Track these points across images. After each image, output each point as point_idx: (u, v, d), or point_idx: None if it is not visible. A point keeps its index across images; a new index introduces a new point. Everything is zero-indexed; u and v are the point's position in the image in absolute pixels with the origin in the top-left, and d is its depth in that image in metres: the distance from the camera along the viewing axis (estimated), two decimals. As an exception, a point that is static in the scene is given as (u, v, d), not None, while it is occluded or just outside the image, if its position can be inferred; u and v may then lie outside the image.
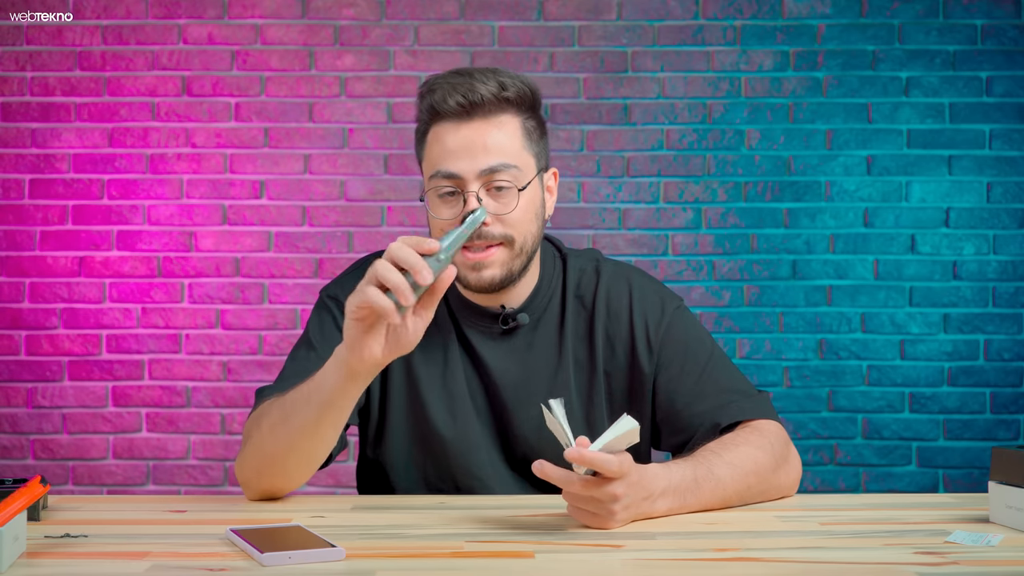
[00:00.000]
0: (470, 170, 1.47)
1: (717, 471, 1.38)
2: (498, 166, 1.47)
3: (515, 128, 1.51)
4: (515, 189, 1.49)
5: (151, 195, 3.39)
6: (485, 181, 1.48)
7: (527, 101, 1.52)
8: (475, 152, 1.47)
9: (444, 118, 1.49)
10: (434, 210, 1.50)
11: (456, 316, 1.59)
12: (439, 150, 1.49)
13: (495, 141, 1.48)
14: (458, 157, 1.47)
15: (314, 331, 1.57)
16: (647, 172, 3.40)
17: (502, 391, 1.58)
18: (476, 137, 1.48)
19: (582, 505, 1.26)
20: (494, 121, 1.49)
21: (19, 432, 3.36)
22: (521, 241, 1.51)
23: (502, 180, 1.48)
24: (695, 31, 3.40)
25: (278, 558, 1.09)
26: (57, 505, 1.43)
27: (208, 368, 3.38)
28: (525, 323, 1.58)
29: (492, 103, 1.48)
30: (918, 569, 1.08)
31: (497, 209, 1.48)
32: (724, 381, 1.57)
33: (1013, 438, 3.36)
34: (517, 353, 1.58)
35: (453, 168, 1.47)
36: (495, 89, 1.48)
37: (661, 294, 1.64)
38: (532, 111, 1.54)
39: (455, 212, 1.48)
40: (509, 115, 1.50)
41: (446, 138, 1.49)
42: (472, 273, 1.50)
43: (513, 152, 1.49)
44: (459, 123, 1.49)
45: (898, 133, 3.39)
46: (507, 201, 1.49)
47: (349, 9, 3.39)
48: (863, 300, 3.39)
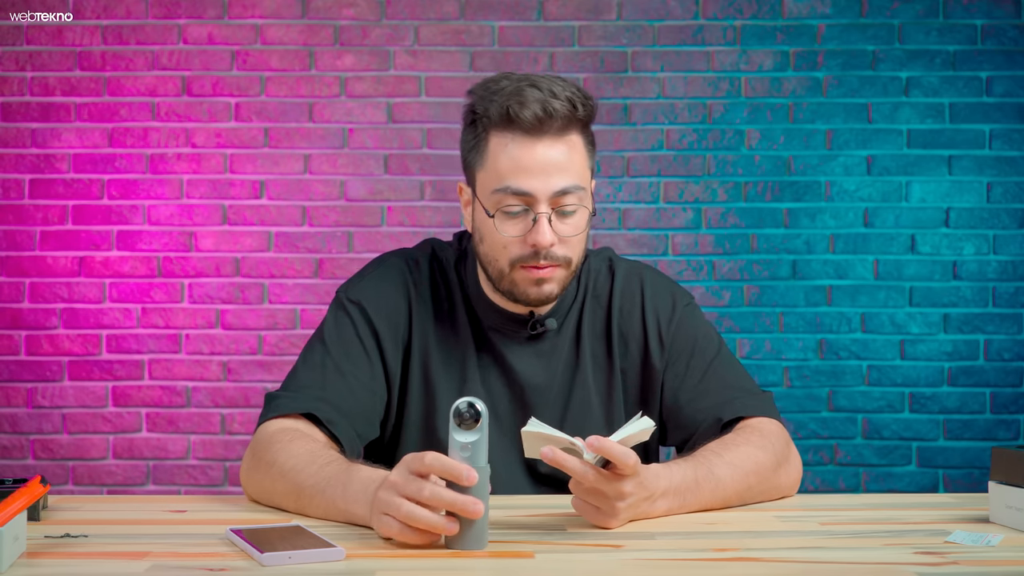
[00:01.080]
0: (543, 190, 1.45)
1: (717, 471, 1.38)
2: (570, 187, 1.46)
3: (582, 147, 1.49)
4: (583, 210, 1.48)
5: (151, 195, 3.39)
6: (555, 203, 1.46)
7: (591, 118, 1.51)
8: (549, 172, 1.45)
9: (514, 129, 1.45)
10: (500, 225, 1.47)
11: (481, 321, 1.59)
12: (510, 164, 1.45)
13: (569, 161, 1.46)
14: (532, 175, 1.44)
15: (330, 333, 1.56)
16: (647, 172, 3.40)
17: (528, 395, 1.58)
18: (550, 156, 1.45)
19: (589, 499, 1.25)
20: (566, 140, 1.47)
21: (19, 432, 3.36)
22: (576, 262, 1.52)
23: (571, 203, 1.46)
24: (695, 31, 3.40)
25: (278, 558, 1.09)
26: (57, 505, 1.43)
27: (208, 368, 3.38)
28: (553, 328, 1.58)
29: (564, 120, 1.45)
30: (918, 569, 1.08)
31: (565, 232, 1.47)
32: (729, 379, 1.58)
33: (1013, 438, 3.36)
34: (543, 356, 1.59)
35: (526, 187, 1.44)
36: (568, 106, 1.45)
37: (672, 291, 1.65)
38: (590, 126, 1.53)
39: (522, 230, 1.46)
40: (577, 134, 1.49)
41: (519, 154, 1.45)
42: (533, 288, 1.49)
43: (581, 173, 1.48)
44: (532, 138, 1.45)
45: (898, 133, 3.39)
46: (574, 223, 1.48)
47: (349, 9, 3.39)
48: (863, 300, 3.39)
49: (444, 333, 1.59)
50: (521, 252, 1.47)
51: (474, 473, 1.12)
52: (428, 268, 1.61)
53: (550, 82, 1.46)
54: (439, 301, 1.60)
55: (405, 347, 1.58)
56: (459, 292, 1.60)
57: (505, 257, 1.48)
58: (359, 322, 1.56)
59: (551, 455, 1.21)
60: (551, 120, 1.44)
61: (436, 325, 1.59)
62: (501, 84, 1.47)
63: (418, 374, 1.58)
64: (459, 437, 1.15)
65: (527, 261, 1.47)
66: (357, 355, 1.54)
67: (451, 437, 1.15)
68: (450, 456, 1.15)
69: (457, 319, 1.59)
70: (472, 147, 1.51)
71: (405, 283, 1.59)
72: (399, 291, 1.58)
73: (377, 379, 1.55)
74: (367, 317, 1.56)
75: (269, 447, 1.41)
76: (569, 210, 1.47)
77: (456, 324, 1.59)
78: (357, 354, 1.54)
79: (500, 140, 1.46)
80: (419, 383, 1.58)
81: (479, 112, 1.49)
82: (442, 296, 1.60)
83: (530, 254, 1.46)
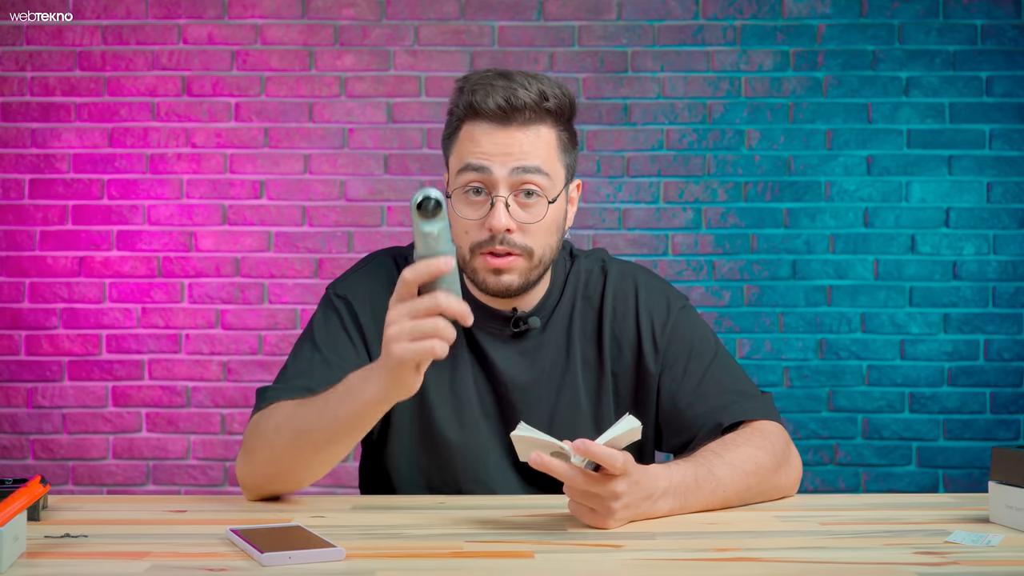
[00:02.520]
0: (501, 169, 1.46)
1: (718, 472, 1.38)
2: (530, 168, 1.46)
3: (551, 139, 1.49)
4: (544, 200, 1.48)
5: (151, 195, 3.39)
6: (515, 183, 1.46)
7: (566, 113, 1.50)
8: (510, 152, 1.46)
9: (480, 118, 1.47)
10: (459, 208, 1.48)
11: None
12: (471, 147, 1.47)
13: (532, 148, 1.46)
14: (491, 155, 1.46)
15: (319, 330, 1.57)
16: (647, 172, 3.40)
17: (511, 394, 1.57)
18: (512, 141, 1.46)
19: (583, 501, 1.25)
20: (531, 130, 1.47)
21: (19, 432, 3.36)
22: (540, 254, 1.51)
23: (532, 184, 1.46)
24: (695, 31, 3.40)
25: (278, 558, 1.09)
26: (57, 505, 1.43)
27: (208, 368, 3.38)
28: (536, 326, 1.58)
29: (532, 111, 1.46)
30: (918, 569, 1.08)
31: (523, 218, 1.47)
32: (727, 382, 1.57)
33: (1013, 438, 3.36)
34: (527, 355, 1.58)
35: (484, 161, 1.46)
36: (536, 97, 1.46)
37: (667, 293, 1.63)
38: (568, 122, 1.52)
39: (481, 213, 1.47)
40: (547, 126, 1.49)
41: (481, 138, 1.47)
42: (491, 277, 1.49)
43: (546, 162, 1.48)
44: (496, 126, 1.46)
45: (898, 133, 3.39)
46: (534, 211, 1.48)
47: (349, 9, 3.39)
48: (863, 300, 3.39)
49: None
50: (479, 237, 1.48)
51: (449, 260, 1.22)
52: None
53: (525, 76, 1.48)
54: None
55: None
56: None
57: (467, 242, 1.49)
58: (345, 316, 1.56)
59: (539, 460, 1.21)
60: (517, 112, 1.45)
61: None
62: (476, 80, 1.49)
63: None
64: (424, 228, 1.22)
65: (485, 247, 1.48)
66: (345, 348, 1.54)
67: (416, 230, 1.23)
68: (417, 247, 1.22)
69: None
70: (448, 135, 1.54)
71: (391, 278, 1.59)
72: (385, 287, 1.58)
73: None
74: (352, 311, 1.57)
75: (258, 430, 1.45)
76: (530, 193, 1.47)
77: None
78: (345, 347, 1.54)
79: (467, 130, 1.49)
80: None
81: (453, 104, 1.52)
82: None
83: (487, 239, 1.47)
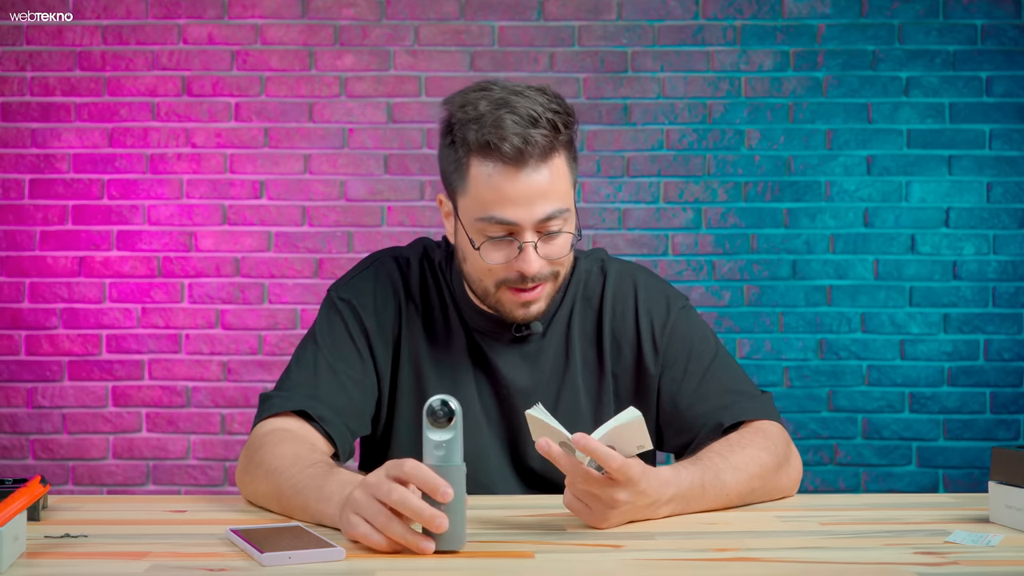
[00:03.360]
0: (528, 219, 1.43)
1: (723, 476, 1.38)
2: (554, 212, 1.44)
3: (564, 168, 1.47)
4: (567, 233, 1.47)
5: (151, 195, 3.39)
6: (540, 228, 1.45)
7: (572, 131, 1.48)
8: (533, 200, 1.42)
9: (495, 158, 1.41)
10: (485, 253, 1.45)
11: (467, 323, 1.59)
12: (492, 195, 1.42)
13: (552, 187, 1.44)
14: (516, 205, 1.42)
15: (322, 332, 1.56)
16: (647, 172, 3.40)
17: (513, 397, 1.57)
18: (533, 183, 1.42)
19: (581, 498, 1.25)
20: (549, 164, 1.43)
21: (19, 432, 3.36)
22: (564, 273, 1.52)
23: (556, 226, 1.45)
24: (695, 31, 3.40)
25: (278, 558, 1.09)
26: (57, 505, 1.43)
27: (208, 368, 3.38)
28: (538, 331, 1.58)
29: (546, 146, 1.42)
30: (918, 569, 1.08)
31: (550, 253, 1.46)
32: (727, 382, 1.57)
33: (1013, 438, 3.36)
34: (528, 359, 1.58)
35: (511, 216, 1.43)
36: (549, 131, 1.42)
37: (666, 293, 1.63)
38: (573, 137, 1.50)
39: (508, 256, 1.45)
40: (559, 156, 1.45)
41: (501, 184, 1.42)
42: (520, 310, 1.49)
43: (565, 194, 1.46)
44: (514, 168, 1.41)
45: (898, 133, 3.39)
46: (559, 245, 1.47)
47: (349, 9, 3.39)
48: (863, 300, 3.39)
49: (434, 333, 1.59)
50: (507, 275, 1.47)
51: (450, 490, 1.10)
52: (419, 268, 1.61)
53: (529, 103, 1.42)
54: (429, 301, 1.60)
55: (395, 345, 1.58)
56: (448, 293, 1.60)
57: (491, 279, 1.48)
58: (349, 320, 1.56)
59: (546, 448, 1.20)
60: (532, 148, 1.41)
61: (426, 324, 1.59)
62: (480, 109, 1.42)
63: (409, 372, 1.58)
64: (433, 436, 1.13)
65: (514, 284, 1.47)
66: (349, 353, 1.54)
67: (425, 436, 1.13)
68: (424, 456, 1.13)
69: (447, 319, 1.59)
70: (453, 168, 1.47)
71: (395, 282, 1.59)
72: (389, 290, 1.58)
73: (369, 376, 1.55)
74: (357, 315, 1.56)
75: (259, 449, 1.42)
76: (554, 231, 1.46)
77: (446, 324, 1.59)
78: (348, 352, 1.54)
79: (481, 168, 1.43)
80: (410, 381, 1.58)
81: (458, 136, 1.44)
82: (432, 296, 1.60)
83: (517, 278, 1.46)
